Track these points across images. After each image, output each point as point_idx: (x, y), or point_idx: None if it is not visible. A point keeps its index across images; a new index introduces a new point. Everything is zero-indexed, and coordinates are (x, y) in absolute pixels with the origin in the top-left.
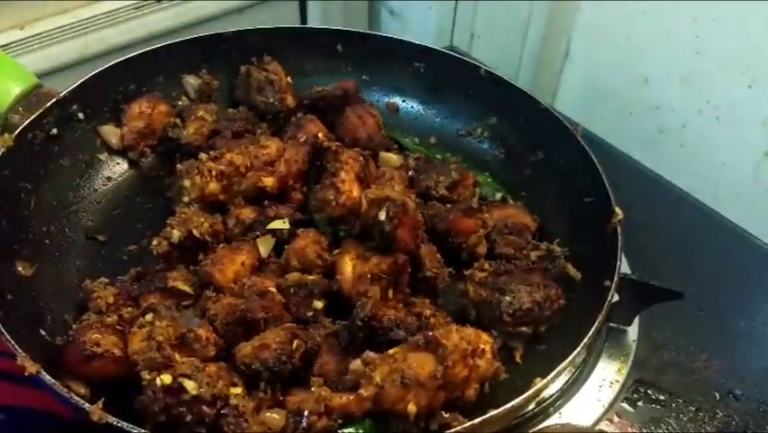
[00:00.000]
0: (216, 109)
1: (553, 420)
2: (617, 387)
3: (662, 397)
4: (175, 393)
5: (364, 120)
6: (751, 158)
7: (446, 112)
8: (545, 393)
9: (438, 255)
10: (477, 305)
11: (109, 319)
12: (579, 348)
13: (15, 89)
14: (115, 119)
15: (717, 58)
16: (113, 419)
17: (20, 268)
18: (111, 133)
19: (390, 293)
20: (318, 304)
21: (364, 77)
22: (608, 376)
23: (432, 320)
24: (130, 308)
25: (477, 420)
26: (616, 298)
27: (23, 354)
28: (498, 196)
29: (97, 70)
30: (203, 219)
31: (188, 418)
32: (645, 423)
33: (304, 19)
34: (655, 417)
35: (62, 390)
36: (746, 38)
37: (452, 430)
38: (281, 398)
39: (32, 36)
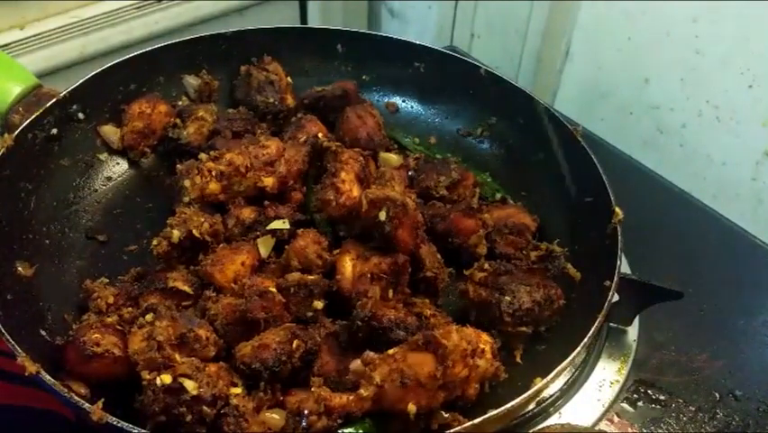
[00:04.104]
0: (216, 109)
1: (553, 420)
2: (617, 387)
3: (662, 397)
4: (175, 393)
5: (364, 120)
6: (751, 158)
7: (446, 112)
8: (545, 393)
9: (438, 255)
10: (477, 305)
11: (109, 319)
12: (579, 348)
13: (15, 89)
14: (115, 119)
15: (717, 58)
16: (113, 419)
17: (20, 268)
18: (111, 133)
19: (390, 293)
20: (318, 304)
21: (364, 77)
22: (608, 376)
23: (432, 320)
24: (130, 309)
25: (477, 420)
26: (616, 298)
27: (23, 354)
28: (498, 196)
29: (97, 70)
30: (203, 219)
31: (188, 418)
32: (645, 423)
33: (304, 19)
34: (655, 417)
35: (62, 390)
36: (746, 38)
37: (453, 430)
38: (281, 398)
39: (32, 36)
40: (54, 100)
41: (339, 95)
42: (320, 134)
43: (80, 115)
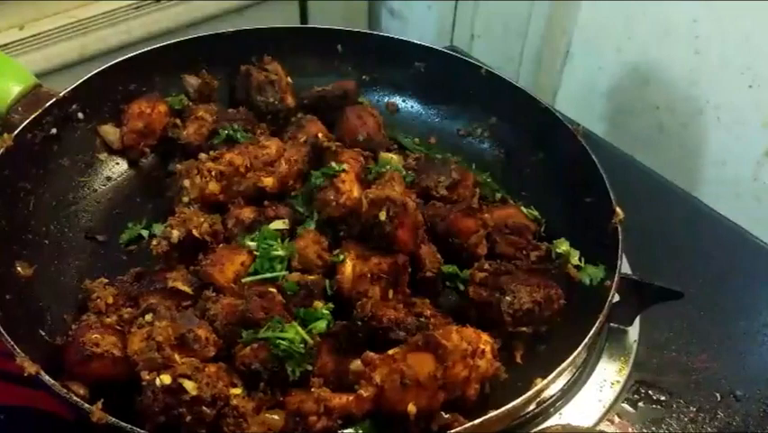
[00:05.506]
0: (216, 109)
1: (553, 421)
2: (617, 388)
3: (662, 397)
4: (175, 394)
5: (364, 120)
6: (751, 158)
7: (446, 112)
8: (546, 394)
9: (438, 255)
10: (477, 305)
11: (109, 320)
12: (579, 348)
13: (15, 89)
14: (115, 119)
15: (718, 58)
16: (112, 420)
17: (19, 268)
18: (111, 133)
19: (390, 293)
20: (318, 304)
21: (364, 77)
22: (608, 377)
23: (432, 320)
24: (129, 309)
25: (477, 421)
26: (616, 298)
27: (23, 355)
28: (499, 196)
29: (97, 70)
30: (202, 219)
31: (188, 418)
32: (646, 424)
33: (304, 19)
34: (656, 417)
35: (61, 390)
36: (746, 38)
37: (453, 431)
38: (281, 398)
39: (32, 36)
40: (54, 100)
41: (339, 95)
42: (320, 134)
43: (80, 115)
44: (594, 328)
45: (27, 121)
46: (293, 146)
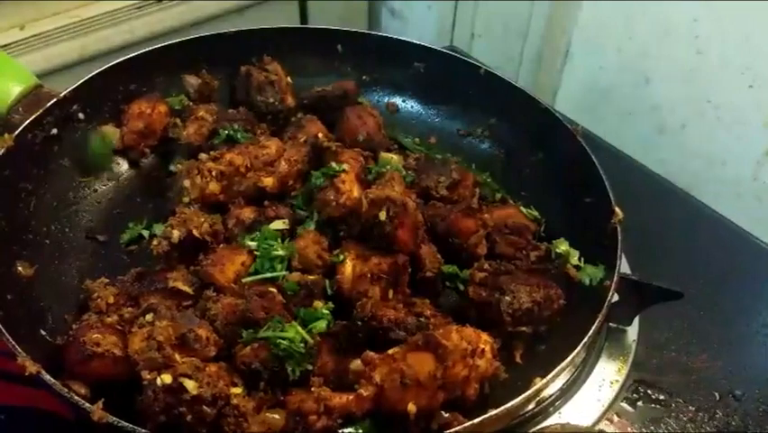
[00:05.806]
0: (217, 109)
1: (552, 420)
2: (616, 387)
3: (661, 397)
4: (175, 393)
5: (364, 120)
6: (751, 157)
7: (446, 112)
8: (545, 393)
9: (438, 255)
10: (477, 305)
11: (109, 319)
12: (579, 348)
13: (16, 89)
14: (116, 119)
15: (718, 58)
16: (113, 419)
17: (20, 268)
18: (111, 133)
19: (390, 293)
20: (318, 304)
21: (364, 77)
22: (607, 376)
23: (432, 320)
24: (130, 309)
25: (477, 420)
26: (616, 298)
27: (24, 355)
28: (499, 196)
29: (97, 71)
30: (203, 219)
31: (189, 417)
32: (645, 423)
33: (304, 19)
34: (655, 417)
35: (62, 390)
36: (747, 38)
37: (453, 430)
38: (281, 398)
39: (33, 36)
40: (54, 100)
41: (339, 95)
42: (320, 134)
43: (80, 116)
44: (593, 328)
45: (28, 121)
46: (293, 146)
